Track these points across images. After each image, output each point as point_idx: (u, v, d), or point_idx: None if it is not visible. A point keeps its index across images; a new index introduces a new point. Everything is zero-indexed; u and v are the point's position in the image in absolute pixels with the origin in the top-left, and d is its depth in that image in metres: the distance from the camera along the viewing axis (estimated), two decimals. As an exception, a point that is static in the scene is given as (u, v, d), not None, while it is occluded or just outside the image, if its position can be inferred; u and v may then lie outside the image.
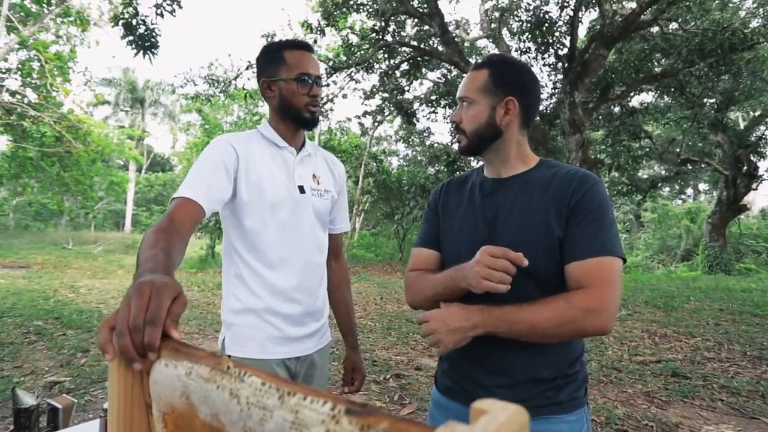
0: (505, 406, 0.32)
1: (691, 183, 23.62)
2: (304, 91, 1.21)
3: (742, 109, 14.25)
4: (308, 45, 1.27)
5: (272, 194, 1.19)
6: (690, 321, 5.60)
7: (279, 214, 1.20)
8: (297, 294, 1.22)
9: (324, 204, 1.29)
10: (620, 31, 6.90)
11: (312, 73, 1.22)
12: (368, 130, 16.48)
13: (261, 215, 1.19)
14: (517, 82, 1.02)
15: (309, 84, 1.21)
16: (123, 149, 17.84)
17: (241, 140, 1.22)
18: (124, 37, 6.47)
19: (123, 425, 0.57)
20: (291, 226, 1.21)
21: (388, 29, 9.67)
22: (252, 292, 1.20)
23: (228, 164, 1.15)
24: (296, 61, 1.21)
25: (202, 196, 1.06)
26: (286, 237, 1.21)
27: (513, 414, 0.31)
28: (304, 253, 1.24)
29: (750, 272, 13.03)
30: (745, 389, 3.26)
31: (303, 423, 0.37)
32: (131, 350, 0.54)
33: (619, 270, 0.91)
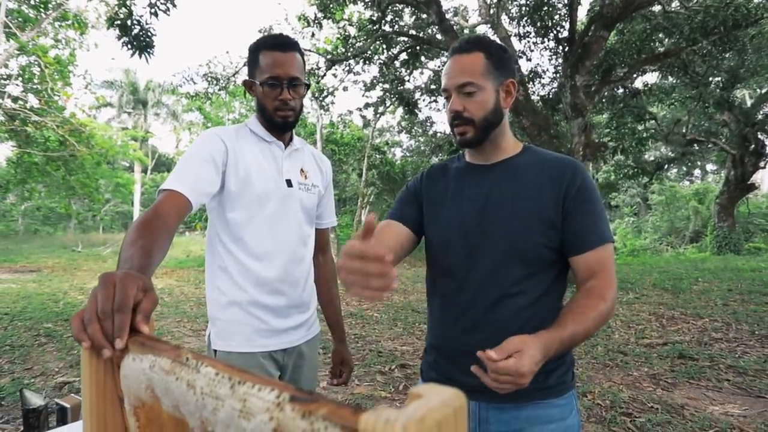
0: (441, 391, 0.31)
1: (698, 163, 23.32)
2: (273, 94, 1.19)
3: (748, 87, 14.00)
4: (285, 43, 1.19)
5: (260, 187, 1.19)
6: (698, 302, 5.56)
7: (266, 206, 1.20)
8: (282, 286, 1.22)
9: (311, 198, 1.30)
10: (620, 11, 6.78)
11: (282, 75, 1.17)
12: (370, 121, 16.42)
13: (248, 207, 1.19)
14: (511, 63, 1.03)
15: (277, 88, 1.18)
16: (127, 151, 17.93)
17: (229, 134, 1.22)
18: (120, 38, 6.47)
19: (96, 419, 0.58)
20: (278, 219, 1.22)
21: (385, 19, 9.59)
22: (236, 284, 1.19)
23: (216, 157, 1.15)
24: (267, 63, 1.17)
25: (189, 188, 1.05)
26: (272, 229, 1.21)
27: (447, 398, 0.30)
28: (289, 246, 1.24)
29: (759, 251, 12.90)
30: (752, 368, 3.24)
31: (250, 411, 0.37)
32: (100, 337, 0.54)
33: (613, 254, 0.98)
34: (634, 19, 8.05)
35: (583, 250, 0.94)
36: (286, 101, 1.18)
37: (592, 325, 0.88)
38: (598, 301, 0.90)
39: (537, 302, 0.97)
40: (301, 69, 1.21)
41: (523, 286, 0.97)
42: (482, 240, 0.99)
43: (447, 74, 1.01)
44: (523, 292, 0.96)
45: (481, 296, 0.98)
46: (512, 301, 0.96)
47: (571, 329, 0.86)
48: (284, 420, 0.34)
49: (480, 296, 0.98)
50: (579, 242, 0.95)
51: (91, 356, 0.58)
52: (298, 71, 1.19)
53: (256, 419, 0.36)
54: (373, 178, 15.19)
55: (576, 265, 0.96)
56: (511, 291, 0.97)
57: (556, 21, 7.85)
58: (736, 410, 2.60)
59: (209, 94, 9.16)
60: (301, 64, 1.21)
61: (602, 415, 2.61)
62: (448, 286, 1.04)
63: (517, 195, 0.98)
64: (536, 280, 0.97)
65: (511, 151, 1.05)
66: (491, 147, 1.05)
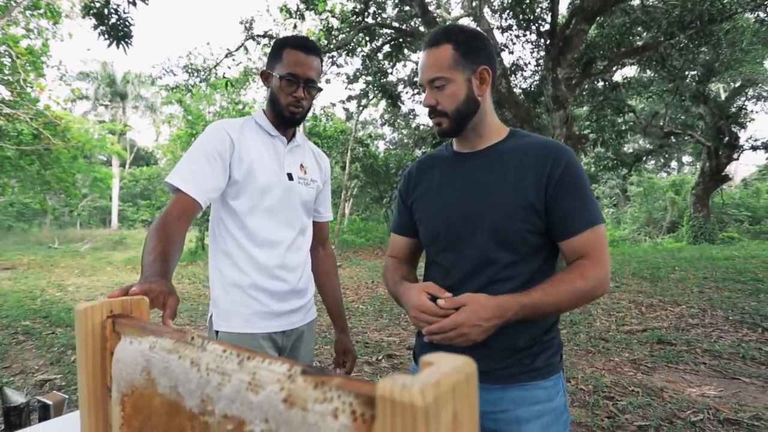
0: (453, 358, 0.32)
1: (675, 155, 23.88)
2: (289, 90, 1.24)
3: (722, 81, 14.37)
4: (311, 47, 1.26)
5: (263, 179, 1.25)
6: (675, 290, 5.72)
7: (268, 197, 1.26)
8: (281, 272, 1.27)
9: (309, 192, 1.36)
10: (601, 4, 6.87)
11: (301, 74, 1.23)
12: (353, 114, 16.33)
13: (251, 197, 1.25)
14: (484, 48, 1.01)
15: (295, 85, 1.24)
16: (104, 144, 17.52)
17: (235, 126, 1.27)
18: (96, 28, 6.29)
19: (95, 408, 0.57)
20: (278, 210, 1.28)
21: (368, 11, 9.52)
22: (239, 268, 1.25)
23: (223, 152, 1.20)
24: (290, 60, 1.23)
25: (197, 189, 1.12)
26: (273, 219, 1.27)
27: (459, 365, 0.31)
28: (289, 235, 1.30)
29: (733, 240, 13.30)
30: (727, 352, 3.36)
31: (259, 383, 0.37)
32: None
33: (605, 234, 0.98)
34: (614, 13, 8.16)
35: (570, 235, 0.95)
36: (299, 99, 1.25)
37: (564, 299, 0.90)
38: (576, 278, 0.91)
39: (525, 287, 0.98)
40: (318, 73, 1.28)
41: (511, 272, 0.98)
42: (466, 228, 1.00)
43: (419, 69, 1.03)
44: (511, 277, 0.98)
45: (468, 283, 0.99)
46: (500, 287, 0.97)
47: (536, 297, 0.89)
48: (296, 390, 0.35)
49: (467, 283, 0.99)
50: (566, 227, 0.95)
51: (84, 344, 0.57)
52: (315, 74, 1.26)
53: (265, 391, 0.36)
54: (356, 171, 15.15)
55: (565, 249, 0.97)
56: (497, 277, 0.98)
57: (538, 14, 7.91)
58: (712, 391, 2.70)
59: (190, 86, 8.98)
60: (319, 69, 1.28)
61: (585, 399, 2.68)
62: (438, 273, 1.06)
63: (500, 181, 0.99)
64: (523, 265, 0.98)
65: (496, 137, 1.06)
66: (474, 135, 1.05)
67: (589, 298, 0.92)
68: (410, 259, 1.20)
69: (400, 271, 1.14)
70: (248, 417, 0.38)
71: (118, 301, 0.60)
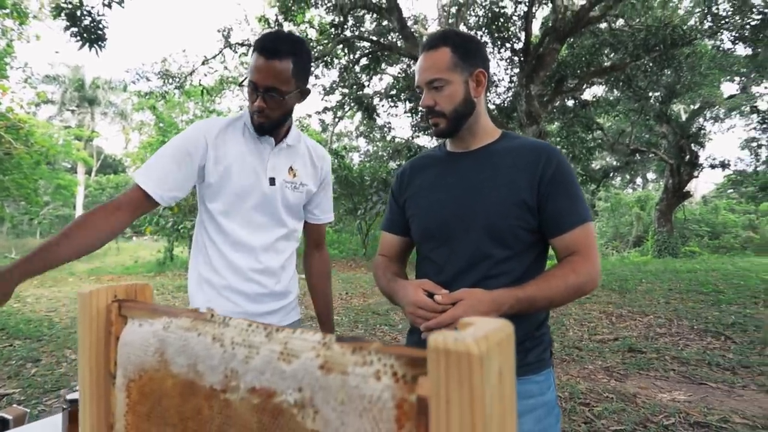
0: (491, 320, 0.33)
1: (640, 172, 24.87)
2: (250, 98, 1.17)
3: (683, 102, 15.13)
4: (273, 49, 1.13)
5: (239, 184, 1.22)
6: (643, 301, 5.91)
7: (245, 201, 1.23)
8: (257, 276, 1.26)
9: (297, 196, 1.31)
10: (571, 26, 7.17)
11: (259, 82, 1.13)
12: (329, 126, 16.35)
13: (227, 201, 1.22)
14: (479, 52, 1.05)
15: (254, 93, 1.15)
16: (70, 150, 16.93)
17: (216, 127, 1.23)
18: (68, 29, 6.12)
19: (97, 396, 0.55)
20: (256, 214, 1.25)
21: (346, 24, 9.62)
22: (213, 268, 1.24)
23: (194, 154, 1.18)
24: (251, 65, 1.15)
25: (154, 186, 1.13)
26: (250, 225, 1.24)
27: (500, 325, 0.32)
28: (266, 240, 1.27)
29: (694, 254, 13.90)
30: (694, 359, 3.49)
31: (292, 352, 0.37)
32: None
33: (594, 232, 1.01)
34: (584, 34, 8.53)
35: (561, 232, 0.98)
36: (259, 109, 1.15)
37: (556, 293, 0.93)
38: (568, 272, 0.94)
39: (517, 282, 1.00)
40: (283, 77, 1.13)
41: (504, 268, 1.00)
42: (461, 225, 1.02)
43: (417, 71, 1.06)
44: (504, 273, 1.00)
45: (462, 279, 1.01)
46: (493, 282, 0.99)
47: (530, 291, 0.92)
48: (333, 356, 0.35)
49: (461, 278, 1.01)
50: (557, 224, 0.99)
51: (88, 329, 0.56)
52: (277, 80, 1.13)
53: (300, 359, 0.36)
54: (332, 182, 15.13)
55: (556, 246, 1.00)
56: (491, 272, 1.00)
57: (512, 33, 8.19)
58: (682, 396, 2.79)
59: (165, 92, 8.81)
60: (287, 71, 1.14)
61: (563, 405, 2.72)
62: (431, 269, 1.07)
63: (493, 180, 1.02)
64: (516, 261, 1.01)
65: (489, 138, 1.09)
66: (469, 135, 1.08)
67: (580, 292, 0.95)
68: (400, 257, 1.21)
69: (392, 269, 1.15)
70: (280, 387, 0.37)
71: (122, 286, 0.58)
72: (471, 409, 0.27)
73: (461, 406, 0.27)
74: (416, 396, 0.31)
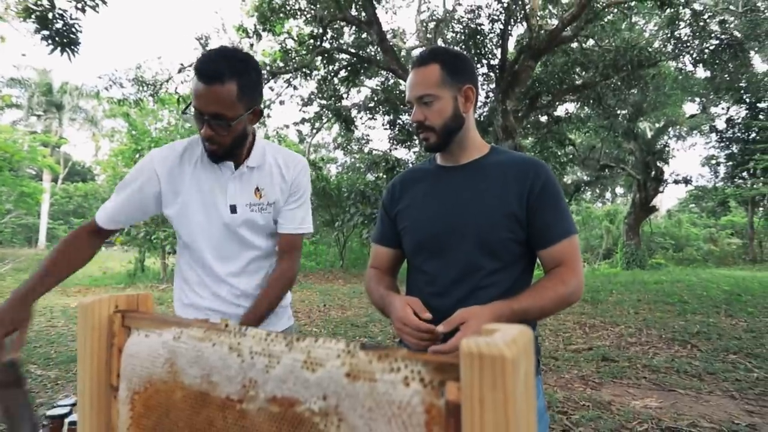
0: (512, 326, 0.34)
1: (609, 187, 25.71)
2: (197, 125, 1.08)
3: (649, 120, 15.80)
4: (209, 74, 1.01)
5: (197, 219, 1.19)
6: (614, 312, 6.08)
7: (209, 232, 1.20)
8: (237, 299, 1.24)
9: (265, 217, 1.24)
10: (545, 44, 7.43)
11: (202, 109, 1.04)
12: (306, 137, 16.32)
13: (191, 233, 1.21)
14: (467, 68, 1.08)
15: (199, 121, 1.06)
16: (35, 156, 16.30)
17: (171, 157, 1.19)
18: (38, 32, 5.95)
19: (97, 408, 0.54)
20: (223, 245, 1.21)
21: (325, 36, 9.68)
22: (194, 291, 1.24)
23: (146, 188, 1.18)
24: (193, 89, 1.05)
25: (105, 218, 1.20)
26: (219, 254, 1.22)
27: (522, 329, 0.34)
28: (237, 268, 1.23)
29: (660, 266, 14.40)
30: (663, 366, 3.60)
31: (316, 361, 0.38)
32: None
33: (579, 244, 1.06)
34: (557, 53, 8.84)
35: (549, 244, 1.02)
36: (206, 137, 1.07)
37: (548, 303, 0.96)
38: (557, 283, 0.98)
39: (507, 293, 1.03)
40: (226, 102, 1.03)
41: (494, 279, 1.03)
42: (453, 237, 1.05)
43: (408, 87, 1.08)
44: (494, 284, 1.02)
45: (454, 290, 1.03)
46: (483, 293, 1.01)
47: (524, 302, 0.94)
48: (359, 364, 0.36)
49: (453, 289, 1.03)
50: (545, 237, 1.02)
51: (89, 341, 0.54)
52: (221, 106, 1.03)
53: (325, 367, 0.37)
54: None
55: (543, 258, 1.03)
56: (482, 284, 1.02)
57: (489, 49, 8.41)
58: (654, 403, 2.88)
59: (139, 100, 8.63)
60: (230, 95, 1.03)
61: (540, 415, 2.77)
62: (422, 280, 1.09)
63: (484, 193, 1.05)
64: (506, 272, 1.04)
65: (478, 152, 1.12)
66: (458, 149, 1.11)
67: (568, 302, 0.98)
68: (392, 269, 1.22)
69: (384, 282, 1.16)
70: (303, 396, 0.38)
71: (123, 296, 0.58)
72: (504, 409, 0.28)
73: (495, 406, 0.28)
74: (444, 401, 0.32)
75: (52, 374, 3.71)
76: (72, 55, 6.16)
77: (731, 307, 5.95)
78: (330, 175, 18.22)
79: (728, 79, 10.94)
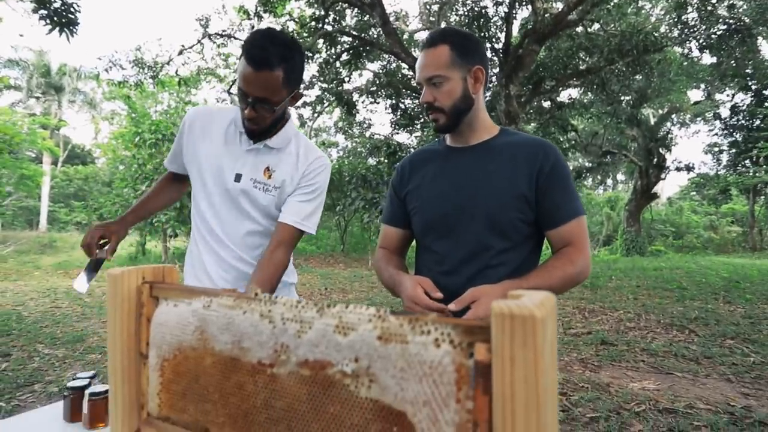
0: (536, 292, 0.36)
1: (611, 173, 25.66)
2: (241, 104, 1.14)
3: (652, 107, 15.68)
4: (259, 60, 1.05)
5: (204, 174, 1.25)
6: (613, 297, 6.13)
7: (211, 193, 1.25)
8: (236, 263, 1.28)
9: (268, 199, 1.24)
10: (550, 28, 7.34)
11: (249, 93, 1.09)
12: (307, 121, 16.23)
13: (199, 189, 1.27)
14: (477, 49, 1.08)
15: (243, 101, 1.12)
16: (35, 139, 16.22)
17: (206, 114, 1.31)
18: (36, 11, 5.87)
19: (129, 375, 0.56)
20: (222, 208, 1.25)
21: (327, 18, 9.56)
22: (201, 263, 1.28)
23: (181, 140, 1.32)
24: (240, 72, 1.09)
25: (168, 161, 1.40)
26: (218, 216, 1.26)
27: (548, 294, 0.35)
28: (238, 235, 1.26)
29: (660, 253, 14.46)
30: (661, 350, 3.66)
31: (348, 325, 0.39)
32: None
33: (586, 225, 1.07)
34: (561, 37, 8.73)
35: (557, 224, 1.03)
36: (249, 118, 1.13)
37: (556, 282, 0.97)
38: (566, 263, 0.99)
39: (515, 272, 1.05)
40: (273, 88, 1.09)
41: (503, 258, 1.04)
42: (462, 217, 1.06)
43: (418, 68, 1.08)
44: (503, 264, 1.04)
45: (463, 269, 1.05)
46: (492, 272, 1.03)
47: (533, 281, 0.96)
48: (391, 327, 0.37)
49: (462, 269, 1.05)
50: (553, 217, 1.03)
51: (119, 311, 0.56)
52: (267, 92, 1.09)
53: (357, 331, 0.39)
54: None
55: (552, 238, 1.05)
56: (491, 263, 1.04)
57: (493, 33, 8.30)
58: (651, 385, 2.93)
59: (139, 82, 8.56)
60: (276, 82, 1.08)
61: (540, 396, 2.82)
62: (432, 260, 1.11)
63: (493, 174, 1.06)
64: (515, 252, 1.05)
65: (488, 134, 1.13)
66: (468, 130, 1.12)
67: (576, 281, 1.00)
68: (401, 249, 1.24)
69: (393, 262, 1.17)
70: (335, 358, 0.40)
71: (149, 268, 0.59)
72: (534, 365, 0.30)
73: (525, 363, 0.30)
74: (473, 361, 0.34)
75: (60, 353, 3.77)
76: (70, 36, 6.09)
77: (730, 294, 6.00)
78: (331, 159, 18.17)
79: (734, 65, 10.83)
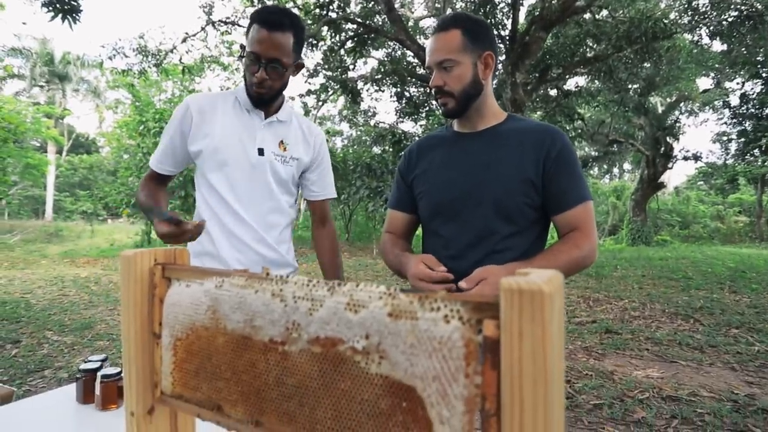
0: (544, 271, 0.37)
1: (617, 162, 25.47)
2: (250, 70, 1.19)
3: (660, 95, 15.49)
4: (276, 21, 1.16)
5: (224, 152, 1.25)
6: (618, 286, 6.13)
7: (232, 172, 1.25)
8: (255, 245, 1.28)
9: (288, 170, 1.31)
10: (558, 15, 7.23)
11: (262, 53, 1.16)
12: (311, 109, 16.15)
13: (216, 169, 1.26)
14: (488, 35, 1.08)
15: (255, 64, 1.17)
16: (39, 128, 16.28)
17: (206, 100, 1.28)
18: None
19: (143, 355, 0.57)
20: (245, 185, 1.27)
21: (332, 5, 9.46)
22: (211, 239, 1.26)
23: (183, 126, 1.27)
24: (252, 37, 1.16)
25: (155, 163, 1.32)
26: (240, 195, 1.26)
27: (555, 272, 0.36)
28: (260, 212, 1.28)
29: (666, 243, 14.40)
30: (666, 339, 3.66)
31: (359, 303, 0.40)
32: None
33: (593, 210, 1.07)
34: (569, 24, 8.61)
35: (564, 209, 1.04)
36: (260, 80, 1.18)
37: (562, 265, 0.98)
38: (572, 247, 1.00)
39: (521, 257, 1.05)
40: (285, 50, 1.17)
41: (510, 243, 1.05)
42: (469, 202, 1.07)
43: (428, 52, 1.08)
44: (509, 248, 1.05)
45: (469, 253, 1.06)
46: (499, 257, 1.04)
47: (538, 264, 0.97)
48: (401, 304, 0.38)
49: (469, 253, 1.06)
50: (560, 202, 1.04)
51: (132, 291, 0.57)
52: (280, 52, 1.17)
53: (368, 308, 0.39)
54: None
55: (558, 223, 1.05)
56: (497, 248, 1.05)
57: (499, 19, 8.20)
58: (655, 373, 2.95)
59: (143, 70, 8.54)
60: (288, 44, 1.18)
61: (544, 383, 2.84)
62: (438, 244, 1.12)
63: (501, 159, 1.06)
64: (521, 237, 1.06)
65: (495, 120, 1.13)
66: (476, 116, 1.12)
67: (582, 266, 1.00)
68: (407, 234, 1.25)
69: (399, 245, 1.18)
70: (346, 335, 0.41)
71: (161, 250, 0.60)
72: (542, 340, 0.30)
73: (533, 338, 0.31)
74: (482, 336, 0.35)
75: (68, 340, 3.83)
76: (73, 23, 6.07)
77: (735, 284, 5.98)
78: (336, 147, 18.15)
79: (745, 52, 10.65)
